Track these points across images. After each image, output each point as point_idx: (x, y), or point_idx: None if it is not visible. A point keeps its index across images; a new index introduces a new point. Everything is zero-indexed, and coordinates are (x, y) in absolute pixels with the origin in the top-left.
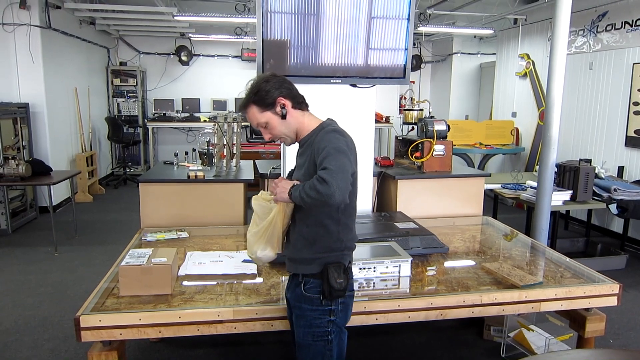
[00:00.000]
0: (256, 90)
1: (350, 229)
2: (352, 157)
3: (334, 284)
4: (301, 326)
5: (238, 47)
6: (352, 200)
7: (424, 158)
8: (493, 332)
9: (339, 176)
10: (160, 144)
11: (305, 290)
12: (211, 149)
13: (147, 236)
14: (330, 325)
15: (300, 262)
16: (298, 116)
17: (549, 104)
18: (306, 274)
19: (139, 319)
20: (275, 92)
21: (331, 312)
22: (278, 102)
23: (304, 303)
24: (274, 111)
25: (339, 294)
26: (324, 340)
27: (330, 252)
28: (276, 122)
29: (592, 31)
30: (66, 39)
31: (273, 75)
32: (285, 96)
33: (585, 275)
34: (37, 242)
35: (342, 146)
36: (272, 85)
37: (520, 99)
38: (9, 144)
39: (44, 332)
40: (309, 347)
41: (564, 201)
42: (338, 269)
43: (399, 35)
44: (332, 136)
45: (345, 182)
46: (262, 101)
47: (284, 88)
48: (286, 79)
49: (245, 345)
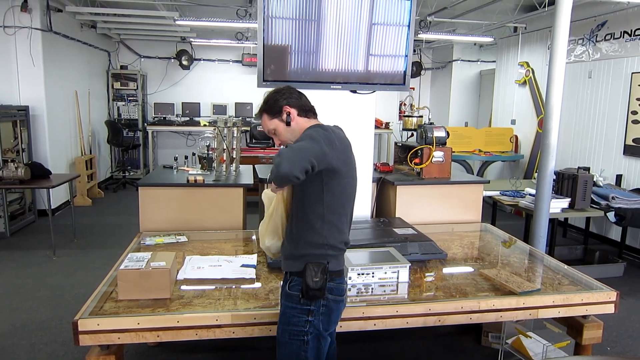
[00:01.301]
0: (267, 99)
1: (337, 228)
2: (327, 147)
3: (310, 283)
4: (281, 322)
5: (239, 52)
6: (339, 198)
7: (423, 164)
8: (491, 338)
9: (293, 152)
10: (160, 148)
11: (289, 287)
12: (211, 153)
13: (146, 240)
14: (307, 326)
15: (287, 258)
16: (303, 123)
17: (548, 111)
18: (292, 271)
19: (137, 323)
20: (283, 101)
21: (309, 312)
22: (284, 110)
23: (286, 300)
24: (280, 118)
25: (315, 293)
26: (299, 340)
27: (313, 250)
28: (282, 128)
29: (591, 40)
30: (67, 42)
31: (287, 87)
32: (291, 105)
33: (583, 283)
34: (36, 245)
35: (314, 135)
36: (281, 95)
37: (519, 106)
38: (9, 147)
39: (42, 336)
40: (285, 345)
41: (562, 209)
42: (316, 268)
43: (399, 42)
44: (311, 130)
45: (297, 157)
46: (270, 109)
47: (291, 98)
48: (294, 90)
49: (243, 350)
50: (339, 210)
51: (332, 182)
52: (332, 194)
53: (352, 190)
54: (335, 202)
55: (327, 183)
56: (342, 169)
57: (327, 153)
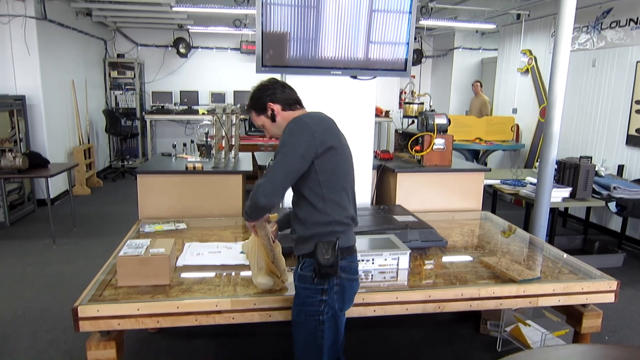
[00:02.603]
0: (252, 96)
1: (339, 205)
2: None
3: (321, 260)
4: (295, 304)
5: (237, 39)
6: (334, 175)
7: (424, 152)
8: (489, 326)
9: (267, 183)
10: (159, 137)
11: (301, 269)
12: (210, 140)
13: (145, 227)
14: (322, 305)
15: (298, 242)
16: (288, 116)
17: (550, 100)
18: (303, 254)
19: (137, 309)
20: (266, 98)
21: (323, 291)
22: (268, 107)
23: (299, 282)
24: (266, 115)
25: (327, 270)
26: (315, 319)
27: (321, 228)
28: (268, 124)
29: (596, 28)
30: (62, 31)
31: (268, 81)
32: (274, 101)
33: (583, 272)
34: (35, 234)
35: (286, 139)
36: (264, 92)
37: (521, 95)
38: (6, 137)
39: (43, 323)
40: (301, 326)
41: (563, 198)
42: (327, 245)
43: (400, 29)
44: (289, 128)
45: (271, 186)
46: (255, 106)
47: (275, 93)
48: (278, 83)
49: (243, 336)
50: (337, 187)
51: (324, 163)
52: (326, 173)
53: (346, 166)
54: (331, 180)
55: (319, 165)
56: (330, 148)
57: (306, 152)
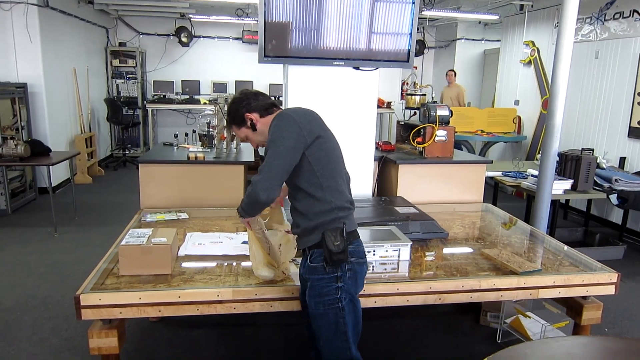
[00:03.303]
0: (228, 111)
1: (337, 191)
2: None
3: (332, 247)
4: (312, 296)
5: (239, 29)
6: (328, 162)
7: (426, 143)
8: (489, 318)
9: (264, 177)
10: (160, 126)
11: (310, 261)
12: (211, 130)
13: (146, 217)
14: (339, 292)
15: (303, 235)
16: (267, 121)
17: (553, 92)
18: (310, 245)
19: (139, 298)
20: (242, 110)
21: (337, 278)
22: (247, 117)
23: (311, 274)
24: (246, 126)
25: (339, 257)
26: (335, 307)
27: (325, 217)
28: (251, 134)
29: (599, 19)
30: (64, 18)
31: (240, 93)
32: (251, 110)
33: (584, 264)
34: (37, 222)
35: (275, 135)
36: (239, 104)
37: (523, 86)
38: (8, 124)
39: (45, 311)
40: (322, 317)
41: (564, 190)
42: (334, 232)
43: (403, 19)
44: (274, 125)
45: (270, 180)
46: (235, 120)
47: (250, 104)
48: (250, 93)
49: (244, 326)
50: (333, 174)
51: (315, 153)
52: (320, 161)
53: (337, 152)
54: (326, 168)
55: (311, 155)
56: (318, 137)
57: (296, 144)
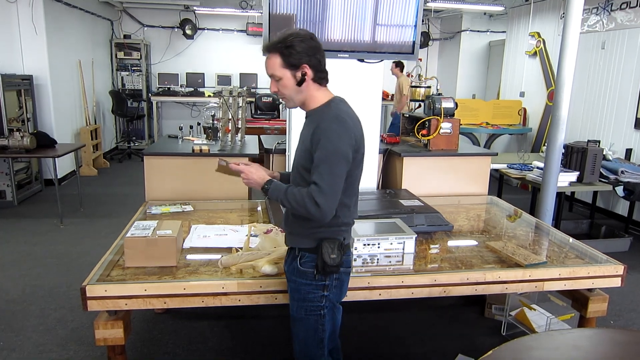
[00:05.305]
0: (289, 44)
1: (348, 208)
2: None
3: (327, 260)
4: (295, 299)
5: (243, 21)
6: (356, 181)
7: (431, 136)
8: (494, 310)
9: (330, 197)
10: (164, 119)
11: (300, 264)
12: (216, 123)
13: (152, 209)
14: (324, 300)
15: (296, 235)
16: (312, 89)
17: (559, 83)
18: (302, 247)
19: (144, 290)
20: (305, 58)
21: (325, 287)
22: (302, 68)
23: (299, 277)
24: (293, 73)
25: (332, 269)
26: (316, 314)
27: (326, 228)
28: (290, 83)
29: (605, 9)
30: (69, 11)
31: (311, 37)
32: (310, 66)
33: (589, 256)
34: (43, 214)
35: (340, 147)
36: (305, 49)
37: (529, 78)
38: (14, 116)
39: (51, 302)
40: (302, 321)
41: (570, 182)
42: (332, 245)
43: (408, 11)
44: (334, 131)
45: (335, 199)
46: (287, 58)
47: (314, 58)
48: (321, 48)
49: (248, 318)
50: (351, 193)
51: (351, 172)
52: (350, 180)
53: (361, 168)
54: (351, 186)
55: (348, 174)
56: (359, 156)
57: (350, 156)
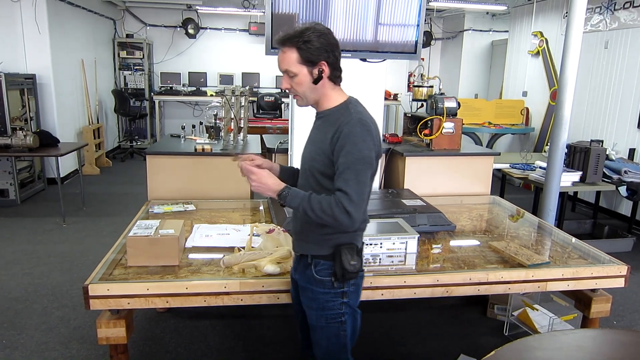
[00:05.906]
0: (307, 39)
1: (363, 212)
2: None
3: (347, 266)
4: (314, 309)
5: (245, 21)
6: (370, 187)
7: (433, 135)
8: (497, 310)
9: (359, 205)
10: (167, 118)
11: (316, 272)
12: (218, 122)
13: (154, 208)
14: (343, 307)
15: (309, 242)
16: (327, 88)
17: (562, 83)
18: (316, 255)
19: (146, 289)
20: (324, 54)
21: (344, 294)
22: (320, 65)
23: (316, 286)
24: (310, 70)
25: (352, 276)
26: (337, 321)
27: (342, 233)
28: (306, 80)
29: (609, 9)
30: (72, 10)
31: (330, 33)
32: (329, 63)
33: (592, 256)
34: (46, 212)
35: (366, 153)
36: (324, 45)
37: (531, 78)
38: (17, 115)
39: (54, 301)
40: (323, 329)
41: (573, 182)
42: (351, 251)
43: (410, 10)
44: (358, 135)
45: (363, 206)
46: (305, 53)
47: (333, 55)
48: (338, 44)
49: (250, 317)
50: (367, 196)
51: None
52: None
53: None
54: None
55: None
56: (378, 160)
57: (374, 162)
